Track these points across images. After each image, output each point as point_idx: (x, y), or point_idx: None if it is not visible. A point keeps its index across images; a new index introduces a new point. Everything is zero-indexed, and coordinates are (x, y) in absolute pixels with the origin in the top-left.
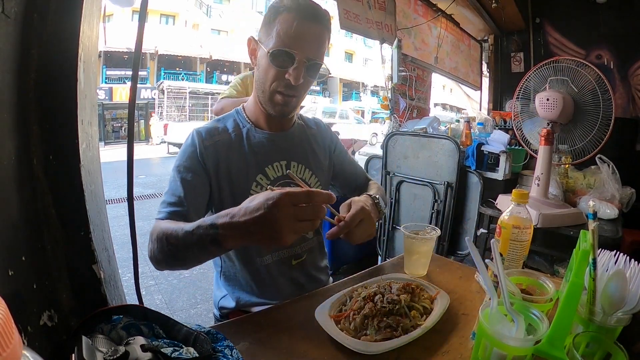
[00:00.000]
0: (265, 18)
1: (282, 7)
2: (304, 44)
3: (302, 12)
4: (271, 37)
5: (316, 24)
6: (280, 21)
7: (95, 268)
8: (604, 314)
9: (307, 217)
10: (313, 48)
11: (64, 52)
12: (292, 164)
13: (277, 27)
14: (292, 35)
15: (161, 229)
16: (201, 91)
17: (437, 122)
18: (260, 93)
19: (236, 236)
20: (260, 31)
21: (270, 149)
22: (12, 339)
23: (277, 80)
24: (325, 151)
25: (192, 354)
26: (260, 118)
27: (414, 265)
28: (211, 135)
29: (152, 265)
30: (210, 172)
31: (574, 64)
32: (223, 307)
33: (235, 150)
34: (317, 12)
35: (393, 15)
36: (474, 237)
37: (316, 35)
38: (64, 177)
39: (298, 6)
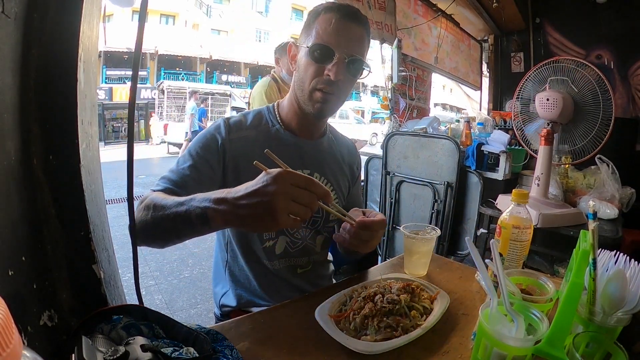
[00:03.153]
0: (305, 23)
1: (321, 9)
2: (343, 40)
3: (341, 11)
4: (310, 37)
5: (355, 23)
6: (320, 21)
7: (95, 268)
8: (604, 314)
9: (302, 201)
10: (352, 45)
11: (64, 52)
12: (315, 175)
13: (316, 27)
14: (330, 31)
15: (151, 198)
16: (201, 91)
17: (437, 122)
18: (300, 92)
19: (227, 213)
20: (300, 35)
21: (296, 155)
22: (12, 339)
23: (316, 77)
24: (349, 174)
25: (192, 354)
26: (293, 120)
27: (414, 265)
28: (239, 129)
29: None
30: (228, 166)
31: (574, 64)
32: (224, 305)
33: (259, 149)
34: (355, 12)
35: (393, 15)
36: (474, 237)
37: (355, 33)
38: (64, 177)
39: (337, 6)
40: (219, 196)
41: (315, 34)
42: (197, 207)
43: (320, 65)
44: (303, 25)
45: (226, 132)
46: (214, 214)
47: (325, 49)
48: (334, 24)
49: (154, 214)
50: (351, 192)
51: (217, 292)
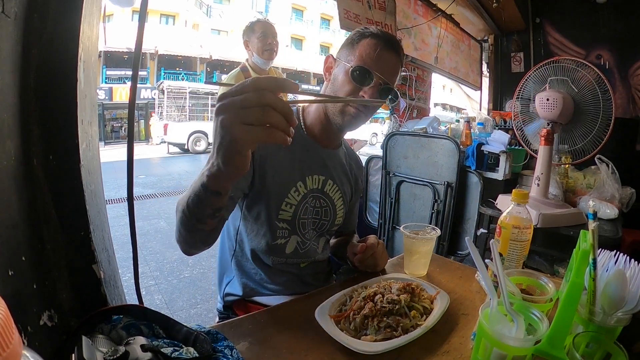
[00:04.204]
0: (349, 39)
1: (367, 33)
2: (382, 68)
3: (385, 40)
4: (353, 56)
5: (395, 54)
6: (364, 44)
7: (95, 268)
8: (604, 314)
9: (250, 103)
10: (389, 73)
11: (64, 52)
12: (328, 181)
13: (360, 49)
14: (374, 57)
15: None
16: (201, 91)
17: (437, 122)
18: (332, 107)
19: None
20: (341, 51)
21: (316, 161)
22: (12, 339)
23: (352, 95)
24: (354, 182)
25: (192, 354)
26: (317, 128)
27: (414, 265)
28: None
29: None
30: (255, 165)
31: (574, 64)
32: (229, 294)
33: (284, 152)
34: (397, 44)
35: (393, 15)
36: (474, 237)
37: (393, 63)
38: (64, 177)
39: (382, 35)
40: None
41: (358, 56)
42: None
43: (358, 86)
44: (345, 41)
45: None
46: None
47: (366, 73)
48: (378, 52)
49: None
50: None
51: (222, 281)
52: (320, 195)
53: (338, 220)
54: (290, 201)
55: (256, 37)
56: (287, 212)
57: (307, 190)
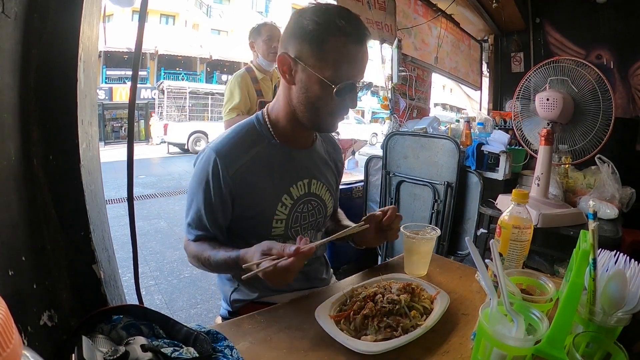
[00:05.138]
0: (308, 35)
1: (334, 29)
2: (361, 69)
3: (357, 36)
4: (327, 65)
5: (366, 45)
6: (337, 47)
7: (95, 268)
8: (604, 314)
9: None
10: (364, 70)
11: (64, 52)
12: (313, 182)
13: (334, 54)
14: (353, 64)
15: (194, 253)
16: (201, 91)
17: (437, 122)
18: (309, 115)
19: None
20: (301, 48)
21: (295, 167)
22: (12, 339)
23: (335, 107)
24: (335, 168)
25: (192, 354)
26: (289, 133)
27: (414, 265)
28: (236, 159)
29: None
30: (234, 197)
31: (574, 64)
32: (237, 300)
33: (261, 171)
34: (366, 31)
35: (393, 15)
36: (474, 237)
37: (367, 56)
38: (64, 177)
39: (352, 29)
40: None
41: (334, 65)
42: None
43: (342, 99)
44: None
45: (224, 169)
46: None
47: (351, 86)
48: (356, 56)
49: (208, 267)
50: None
51: (226, 289)
52: (309, 197)
53: (329, 212)
54: (280, 217)
55: (262, 39)
56: (279, 228)
57: (294, 200)
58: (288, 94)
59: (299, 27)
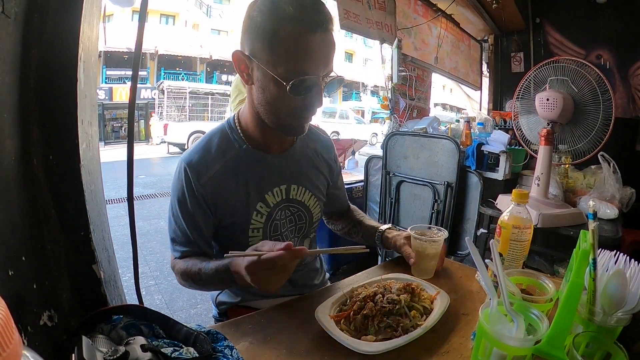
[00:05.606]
0: (257, 28)
1: (282, 17)
2: (322, 61)
3: (310, 23)
4: (278, 59)
5: (326, 32)
6: (287, 38)
7: (95, 268)
8: (604, 314)
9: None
10: (329, 60)
11: (64, 52)
12: (292, 187)
13: (285, 47)
14: (308, 57)
15: (182, 270)
16: (201, 91)
17: (437, 122)
18: (270, 117)
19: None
20: (253, 44)
21: (270, 173)
22: (12, 339)
23: (295, 107)
24: (326, 167)
25: (192, 354)
26: (260, 137)
27: (422, 268)
28: (206, 169)
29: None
30: (210, 207)
31: (574, 64)
32: (222, 303)
33: (233, 179)
34: (324, 15)
35: (393, 15)
36: (474, 237)
37: (329, 44)
38: (64, 177)
39: (303, 14)
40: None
41: (287, 60)
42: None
43: (300, 97)
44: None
45: (195, 179)
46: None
47: (307, 82)
48: (310, 46)
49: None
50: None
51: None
52: (288, 204)
53: (316, 217)
54: (256, 225)
55: None
56: (256, 237)
57: (270, 208)
58: (250, 95)
59: (250, 19)
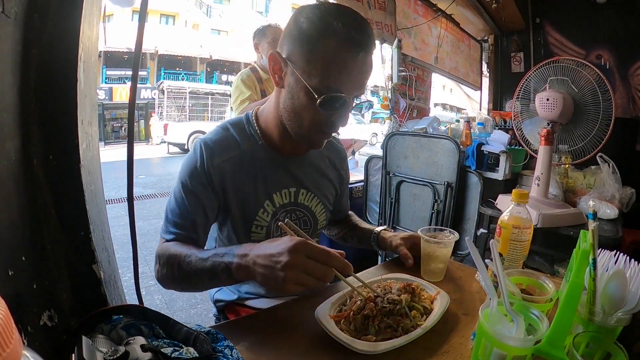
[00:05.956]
0: (301, 35)
1: (329, 31)
2: (357, 82)
3: (355, 43)
4: (315, 71)
5: (368, 54)
6: (329, 53)
7: (95, 268)
8: (604, 314)
9: (314, 273)
10: (364, 82)
11: (64, 52)
12: (301, 191)
13: (324, 60)
14: (345, 75)
15: (170, 253)
16: (201, 91)
17: (437, 122)
18: (293, 125)
19: (247, 269)
20: (293, 49)
21: (281, 174)
22: (12, 339)
23: (320, 121)
24: (337, 177)
25: (192, 354)
26: (278, 139)
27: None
28: (222, 152)
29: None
30: (218, 192)
31: (574, 64)
32: (219, 300)
33: (244, 171)
34: (369, 38)
35: (393, 15)
36: (474, 237)
37: (367, 67)
38: (64, 177)
39: (349, 33)
40: (242, 251)
41: (324, 73)
42: (222, 262)
43: (328, 113)
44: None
45: (208, 157)
46: (237, 269)
47: (338, 99)
48: (349, 65)
49: (181, 272)
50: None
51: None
52: (295, 207)
53: (321, 224)
54: (260, 223)
55: (267, 41)
56: (259, 234)
57: (276, 207)
58: (277, 98)
59: (295, 24)
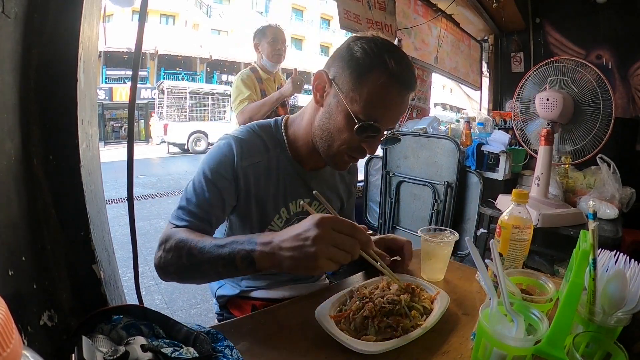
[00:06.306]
0: (353, 61)
1: (381, 65)
2: (394, 117)
3: (403, 82)
4: (359, 98)
5: (410, 92)
6: (377, 84)
7: (95, 268)
8: (604, 314)
9: (344, 247)
10: (398, 119)
11: (64, 52)
12: (313, 203)
13: (371, 91)
14: (387, 109)
15: (181, 238)
16: (201, 91)
17: (437, 122)
18: (323, 143)
19: (272, 255)
20: (342, 72)
21: (300, 185)
22: (12, 339)
23: (351, 145)
24: (346, 192)
25: (192, 354)
26: (303, 152)
27: (432, 270)
28: (251, 155)
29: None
30: (240, 191)
31: (574, 64)
32: (221, 296)
33: (268, 178)
34: (414, 80)
35: (393, 15)
36: (474, 237)
37: (406, 106)
38: (64, 177)
39: (400, 72)
40: (265, 239)
41: (367, 102)
42: (242, 250)
43: (361, 139)
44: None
45: (239, 157)
46: (260, 257)
47: (375, 129)
48: (393, 100)
49: (190, 259)
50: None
51: (212, 286)
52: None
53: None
54: (274, 228)
55: (267, 41)
56: None
57: (290, 215)
58: (313, 115)
59: (347, 50)
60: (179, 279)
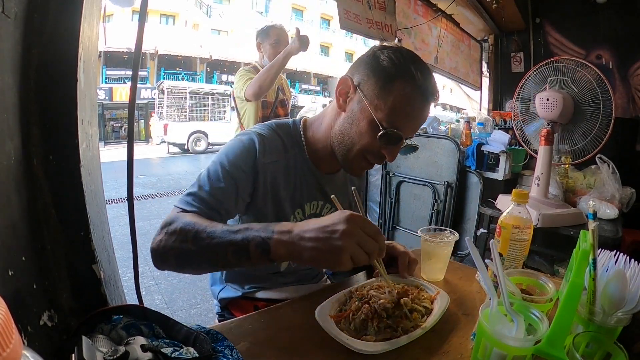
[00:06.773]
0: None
1: (407, 75)
2: (415, 126)
3: (427, 93)
4: (384, 106)
5: (432, 103)
6: (402, 94)
7: (95, 268)
8: (604, 314)
9: (366, 247)
10: (418, 128)
11: (64, 52)
12: (326, 206)
13: (396, 100)
14: (409, 118)
15: (187, 221)
16: (201, 91)
17: (437, 122)
18: (342, 147)
19: (291, 245)
20: (367, 80)
21: (314, 187)
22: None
23: (371, 151)
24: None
25: (192, 354)
26: (321, 156)
27: (431, 269)
28: (272, 152)
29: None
30: (257, 187)
31: (574, 64)
32: (223, 298)
33: (286, 178)
34: (437, 92)
35: (393, 15)
36: (474, 237)
37: (426, 116)
38: (64, 177)
39: (425, 84)
40: (284, 228)
41: (392, 111)
42: (258, 236)
43: (381, 145)
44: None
45: (261, 153)
46: (277, 245)
47: (397, 136)
48: (416, 110)
49: (197, 242)
50: None
51: (214, 289)
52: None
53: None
54: None
55: (269, 42)
56: None
57: (304, 216)
58: (334, 119)
59: (373, 58)
60: (176, 266)
